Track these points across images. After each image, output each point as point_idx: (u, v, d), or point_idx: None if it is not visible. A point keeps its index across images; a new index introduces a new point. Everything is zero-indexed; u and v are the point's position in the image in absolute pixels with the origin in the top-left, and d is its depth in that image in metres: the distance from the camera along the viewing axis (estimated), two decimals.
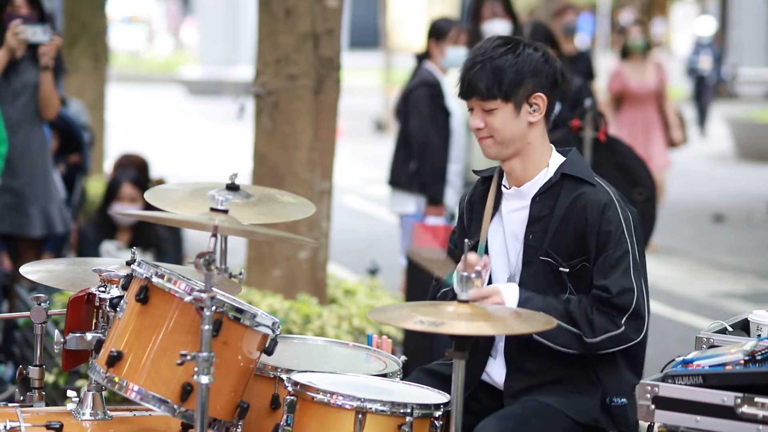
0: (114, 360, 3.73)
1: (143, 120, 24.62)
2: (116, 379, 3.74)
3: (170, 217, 3.89)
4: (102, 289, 4.01)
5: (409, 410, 3.68)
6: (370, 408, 3.67)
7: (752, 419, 3.37)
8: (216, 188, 4.00)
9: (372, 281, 7.57)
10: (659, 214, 11.69)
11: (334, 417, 3.69)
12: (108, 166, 10.76)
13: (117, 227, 8.07)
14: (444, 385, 3.91)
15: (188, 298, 3.65)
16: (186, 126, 24.48)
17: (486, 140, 4.00)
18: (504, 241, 4.07)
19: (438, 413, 3.74)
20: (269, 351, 3.84)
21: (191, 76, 31.98)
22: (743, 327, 4.05)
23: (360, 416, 3.66)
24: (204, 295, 3.57)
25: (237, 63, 29.53)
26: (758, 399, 3.37)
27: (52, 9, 11.21)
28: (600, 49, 33.81)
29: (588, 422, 3.95)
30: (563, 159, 4.05)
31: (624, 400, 3.95)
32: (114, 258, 5.61)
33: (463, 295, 3.64)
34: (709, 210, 14.32)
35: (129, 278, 3.84)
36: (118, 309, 3.84)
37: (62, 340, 4.01)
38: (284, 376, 3.88)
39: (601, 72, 14.30)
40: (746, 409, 3.38)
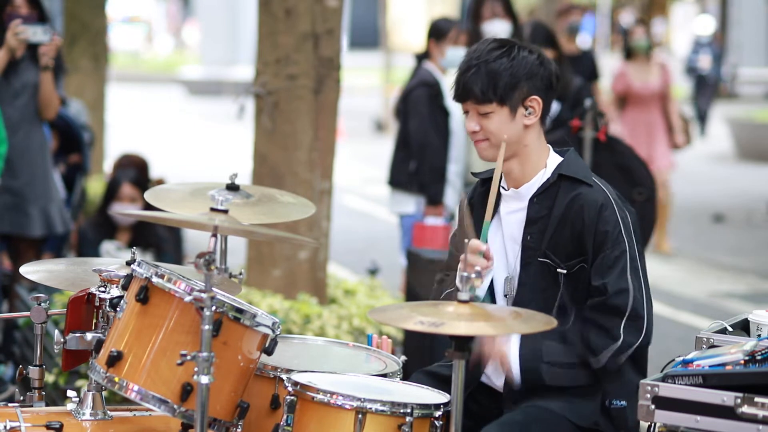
0: (114, 360, 3.73)
1: (143, 120, 24.62)
2: (116, 379, 3.74)
3: (170, 217, 3.88)
4: (102, 289, 4.01)
5: (409, 410, 3.68)
6: (370, 408, 3.67)
7: (752, 419, 3.37)
8: (216, 188, 4.00)
9: (372, 281, 7.56)
10: (670, 216, 11.78)
11: (334, 417, 3.69)
12: (108, 166, 10.76)
13: (117, 227, 8.06)
14: (444, 387, 3.91)
15: (188, 298, 3.65)
16: (186, 126, 24.48)
17: (482, 143, 4.01)
18: (503, 243, 4.07)
19: (438, 413, 3.73)
20: (269, 351, 3.84)
21: (191, 76, 31.98)
22: (743, 327, 4.05)
23: (360, 416, 3.66)
24: (204, 295, 3.57)
25: (237, 63, 29.54)
26: (758, 399, 3.37)
27: (52, 9, 11.19)
28: (600, 49, 33.79)
29: (589, 426, 3.95)
30: (561, 159, 4.05)
31: (623, 403, 3.95)
32: (114, 258, 5.61)
33: (463, 296, 3.64)
34: (709, 210, 14.32)
35: (129, 278, 3.84)
36: (118, 309, 3.84)
37: (62, 340, 4.01)
38: (284, 376, 3.88)
39: (603, 72, 14.25)
40: (746, 409, 3.38)
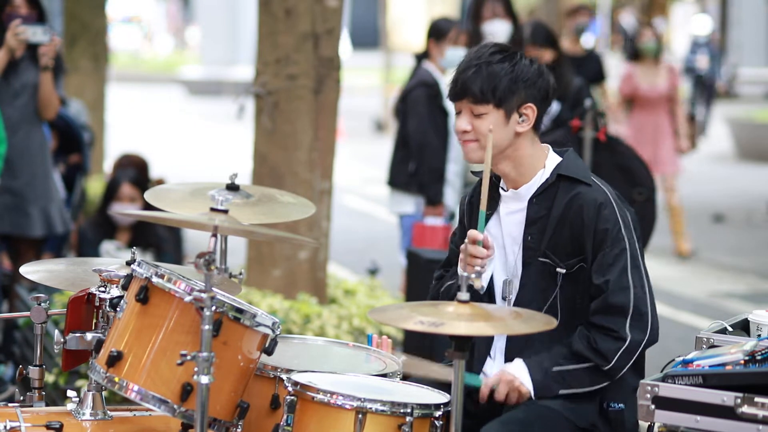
0: (114, 360, 3.73)
1: (143, 120, 24.61)
2: (116, 379, 3.74)
3: (170, 217, 3.88)
4: (102, 289, 4.01)
5: (409, 410, 3.68)
6: (370, 408, 3.67)
7: (752, 419, 3.37)
8: (216, 188, 4.00)
9: (372, 281, 7.56)
10: (685, 220, 11.76)
11: (334, 417, 3.69)
12: (108, 166, 10.76)
13: (117, 227, 8.06)
14: (443, 387, 3.91)
15: (188, 298, 3.65)
16: (186, 126, 24.47)
17: (471, 143, 3.99)
18: (503, 243, 4.07)
19: (438, 413, 3.73)
20: (269, 351, 3.84)
21: (191, 76, 31.97)
22: (743, 327, 4.05)
23: (360, 416, 3.66)
24: (204, 295, 3.57)
25: (237, 63, 29.52)
26: (758, 399, 3.37)
27: (52, 9, 11.19)
28: (600, 49, 33.74)
29: (587, 427, 3.96)
30: (560, 160, 4.05)
31: (621, 405, 3.95)
32: (114, 258, 5.61)
33: (463, 296, 3.64)
34: (709, 210, 14.31)
35: (129, 278, 3.84)
36: (118, 309, 3.84)
37: (62, 340, 4.01)
38: (284, 376, 3.88)
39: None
40: (746, 409, 3.38)
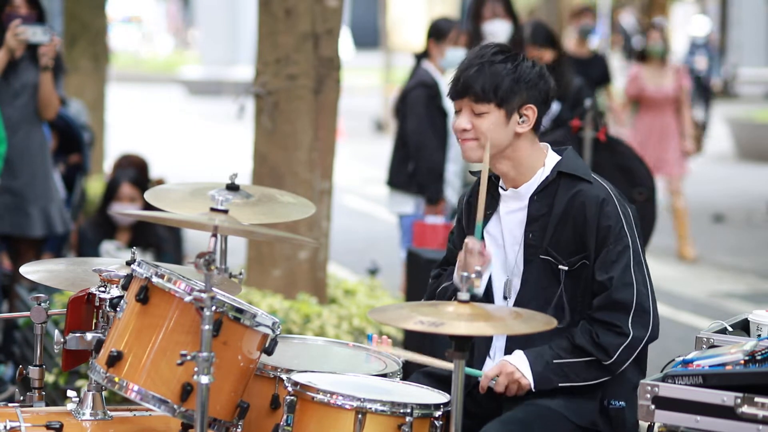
0: (114, 360, 3.73)
1: (143, 120, 24.61)
2: (116, 379, 3.74)
3: (170, 217, 3.88)
4: (102, 289, 4.01)
5: (409, 410, 3.68)
6: (370, 408, 3.67)
7: (752, 419, 3.37)
8: (216, 188, 4.00)
9: (372, 281, 7.56)
10: (691, 222, 11.75)
11: (334, 417, 3.69)
12: (108, 166, 10.76)
13: (117, 227, 8.06)
14: (442, 387, 3.91)
15: (188, 298, 3.65)
16: (186, 126, 24.47)
17: (470, 142, 3.99)
18: (503, 242, 4.07)
19: (438, 413, 3.73)
20: (269, 351, 3.84)
21: (191, 76, 31.97)
22: (743, 327, 4.05)
23: (360, 416, 3.66)
24: (204, 295, 3.57)
25: (237, 63, 29.52)
26: (758, 399, 3.37)
27: (52, 9, 11.19)
28: (600, 49, 33.76)
29: (587, 425, 3.96)
30: (559, 158, 4.06)
31: (622, 403, 3.95)
32: (114, 258, 5.61)
33: (463, 296, 3.63)
34: (709, 210, 14.31)
35: (129, 278, 3.84)
36: (118, 309, 3.84)
37: (62, 340, 4.01)
38: (284, 376, 3.88)
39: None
40: (746, 409, 3.38)
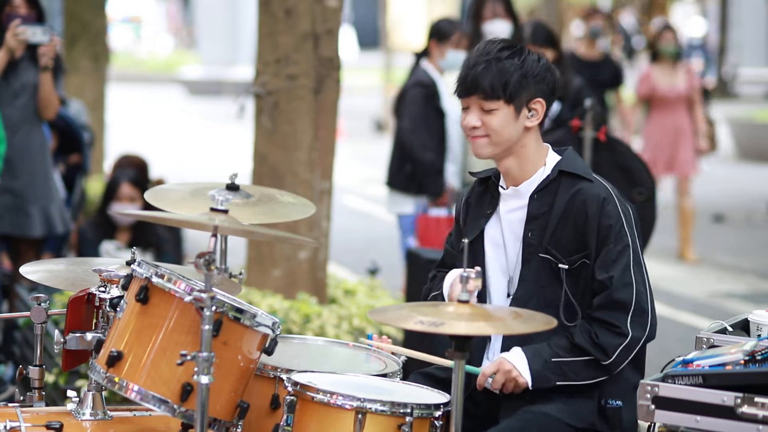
0: (114, 360, 3.73)
1: (143, 120, 24.61)
2: (116, 379, 3.74)
3: (170, 217, 3.88)
4: (102, 289, 4.01)
5: (409, 410, 3.68)
6: (370, 408, 3.67)
7: (752, 419, 3.37)
8: (216, 188, 4.00)
9: (372, 281, 7.56)
10: (683, 220, 11.74)
11: (334, 417, 3.69)
12: (108, 166, 10.76)
13: (116, 227, 8.06)
14: (442, 388, 3.91)
15: (188, 298, 3.65)
16: (186, 126, 24.48)
17: (480, 139, 4.00)
18: (503, 242, 4.08)
19: (438, 413, 3.73)
20: (269, 351, 3.84)
21: (191, 76, 31.98)
22: (743, 327, 4.05)
23: (360, 416, 3.66)
24: (204, 295, 3.57)
25: (237, 63, 29.53)
26: (758, 399, 3.37)
27: (52, 9, 11.19)
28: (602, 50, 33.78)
29: (585, 427, 3.96)
30: (560, 158, 4.06)
31: (619, 403, 3.95)
32: (114, 258, 5.61)
33: (463, 296, 3.63)
34: (709, 210, 14.31)
35: (129, 278, 3.84)
36: (118, 309, 3.84)
37: (62, 340, 4.01)
38: (284, 376, 3.87)
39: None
40: (746, 409, 3.38)
